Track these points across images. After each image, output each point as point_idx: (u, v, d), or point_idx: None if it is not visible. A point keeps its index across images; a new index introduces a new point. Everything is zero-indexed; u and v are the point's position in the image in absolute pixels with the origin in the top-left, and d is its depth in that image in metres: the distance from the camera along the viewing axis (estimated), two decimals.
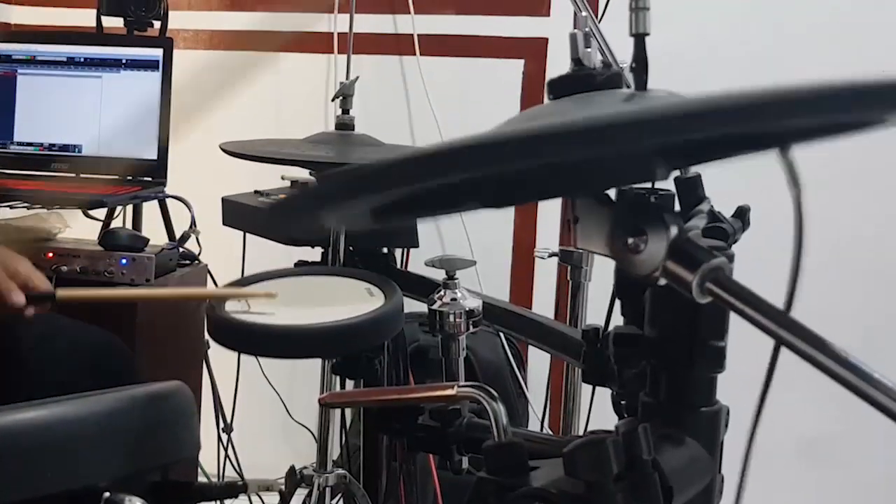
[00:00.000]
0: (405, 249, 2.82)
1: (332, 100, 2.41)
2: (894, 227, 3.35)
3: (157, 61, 2.81)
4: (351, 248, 2.31)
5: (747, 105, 0.65)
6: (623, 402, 1.18)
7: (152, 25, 3.00)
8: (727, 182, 1.39)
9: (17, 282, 1.81)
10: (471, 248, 3.44)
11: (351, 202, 0.81)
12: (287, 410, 3.45)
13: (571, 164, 0.79)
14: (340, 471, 2.35)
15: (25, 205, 2.54)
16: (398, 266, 2.63)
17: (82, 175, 2.82)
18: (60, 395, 1.46)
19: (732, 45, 3.41)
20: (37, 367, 1.98)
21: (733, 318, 0.82)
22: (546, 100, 1.06)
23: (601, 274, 2.27)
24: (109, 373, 2.03)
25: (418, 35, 3.61)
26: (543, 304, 3.44)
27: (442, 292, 1.76)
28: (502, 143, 0.68)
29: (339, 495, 2.38)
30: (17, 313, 1.82)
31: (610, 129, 0.65)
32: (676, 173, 1.14)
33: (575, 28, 1.07)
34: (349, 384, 2.25)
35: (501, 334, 3.13)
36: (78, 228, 2.64)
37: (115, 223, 2.95)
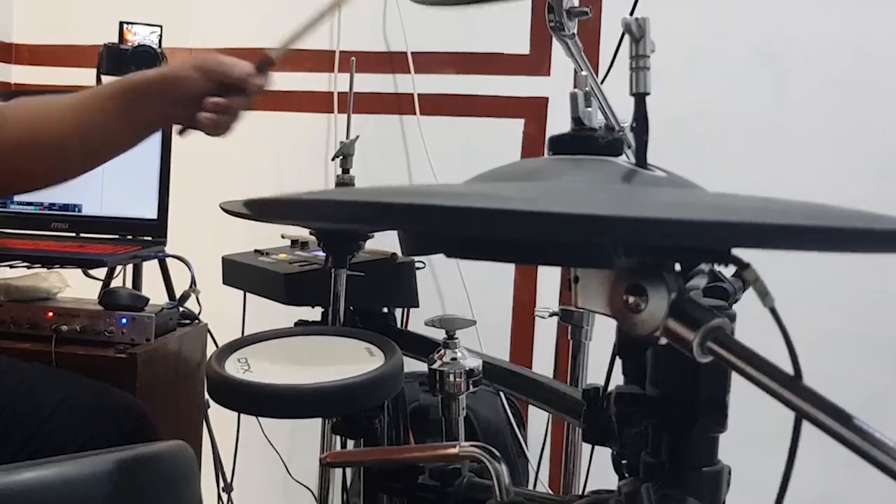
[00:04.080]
0: (405, 309, 2.82)
1: (333, 159, 2.42)
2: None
3: None
4: (351, 307, 2.31)
5: (722, 226, 0.65)
6: (624, 462, 1.18)
7: None
8: None
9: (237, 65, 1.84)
10: (471, 308, 3.44)
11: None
12: (287, 470, 3.44)
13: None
14: None
15: (25, 264, 2.54)
16: (398, 326, 2.63)
17: (82, 234, 2.83)
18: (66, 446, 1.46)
19: (733, 105, 3.42)
20: (56, 430, 1.97)
21: (735, 376, 0.82)
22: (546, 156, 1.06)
23: (602, 333, 2.27)
24: (130, 436, 2.02)
25: (418, 94, 3.62)
26: (544, 363, 3.43)
27: (442, 352, 1.76)
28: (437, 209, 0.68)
29: None
30: (244, 97, 1.84)
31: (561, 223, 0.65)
32: None
33: (575, 87, 1.07)
34: (350, 444, 2.24)
35: (502, 394, 3.13)
36: (78, 288, 2.65)
37: (116, 282, 2.94)
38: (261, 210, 0.79)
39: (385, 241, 2.40)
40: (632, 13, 1.88)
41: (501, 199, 0.71)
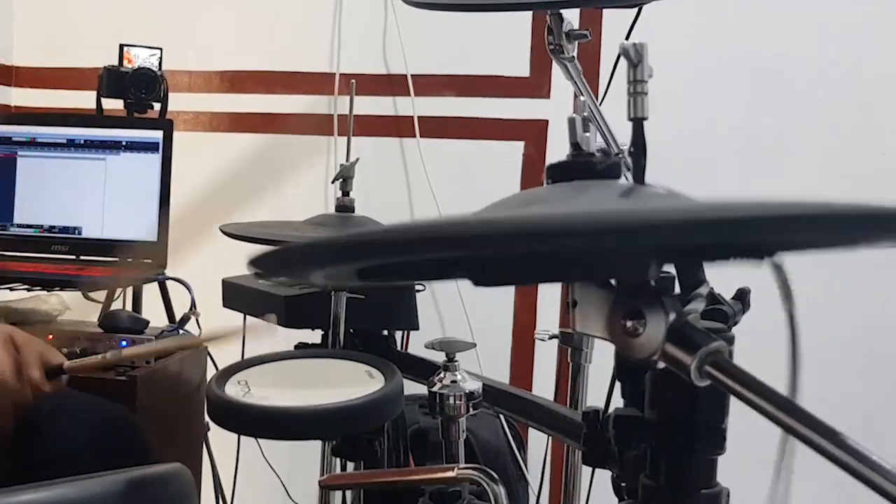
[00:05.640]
0: (405, 332, 2.82)
1: (333, 181, 2.42)
2: (892, 308, 3.36)
3: (157, 143, 2.82)
4: (351, 330, 2.31)
5: (740, 218, 0.65)
6: (623, 485, 1.18)
7: (152, 107, 3.02)
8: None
9: (31, 359, 1.81)
10: (471, 330, 3.44)
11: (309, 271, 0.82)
12: (287, 492, 3.44)
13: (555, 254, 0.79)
14: None
15: (25, 287, 2.55)
16: (398, 348, 2.63)
17: (82, 257, 2.83)
18: (71, 470, 1.46)
19: (732, 128, 3.43)
20: (48, 443, 1.97)
21: (734, 399, 0.82)
22: (545, 184, 1.07)
23: (601, 356, 2.27)
24: (120, 444, 2.02)
25: (418, 117, 3.63)
26: (543, 385, 3.43)
27: (442, 374, 1.77)
28: (478, 230, 0.68)
29: None
30: (36, 391, 1.81)
31: (585, 228, 0.65)
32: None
33: (574, 112, 1.07)
34: (349, 466, 2.24)
35: (501, 416, 3.12)
36: (78, 310, 2.65)
37: (116, 305, 2.95)
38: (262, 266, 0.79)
39: None
40: (627, 37, 1.89)
41: (518, 215, 0.71)
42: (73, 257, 2.83)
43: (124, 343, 2.39)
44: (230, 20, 3.83)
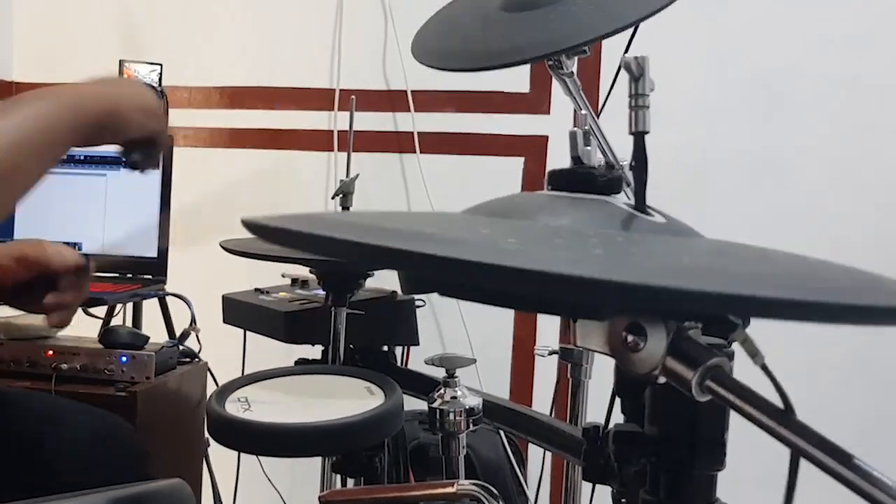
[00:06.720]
0: (405, 347, 2.82)
1: (333, 197, 2.42)
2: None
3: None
4: (351, 345, 2.31)
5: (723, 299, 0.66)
6: (623, 500, 1.18)
7: None
8: None
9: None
10: (471, 346, 3.44)
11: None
12: None
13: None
14: None
15: None
16: (398, 364, 2.63)
17: None
18: (68, 479, 1.46)
19: (733, 142, 3.43)
20: (45, 452, 1.98)
21: (734, 414, 0.82)
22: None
23: (601, 371, 2.26)
24: (115, 452, 2.02)
25: (418, 132, 3.63)
26: (543, 401, 3.42)
27: (442, 390, 1.76)
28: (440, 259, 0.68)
29: None
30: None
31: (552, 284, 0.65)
32: None
33: (575, 126, 1.08)
34: (350, 482, 2.24)
35: (501, 432, 3.12)
36: (78, 326, 2.64)
37: (116, 321, 2.95)
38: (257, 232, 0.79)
39: (385, 280, 2.40)
40: (626, 51, 1.89)
41: (495, 252, 0.71)
42: None
43: (124, 359, 2.39)
44: (230, 36, 3.83)
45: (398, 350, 2.67)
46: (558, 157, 3.42)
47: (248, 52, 3.83)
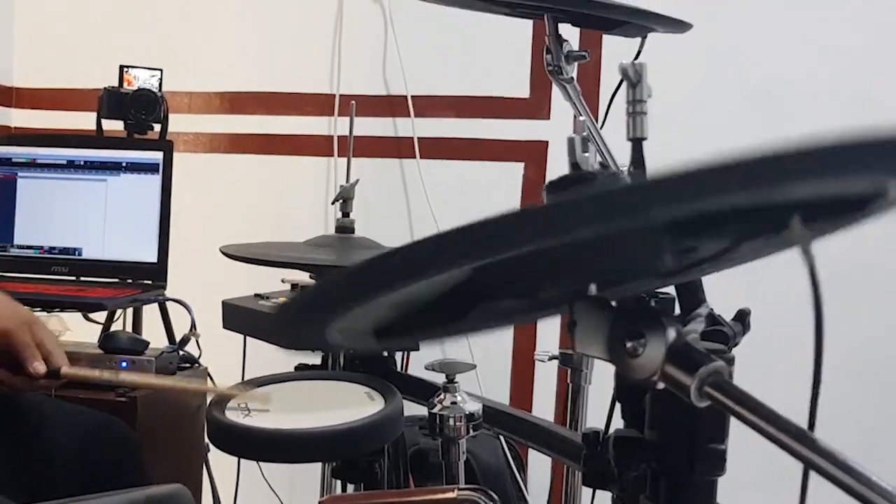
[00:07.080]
0: (405, 353, 2.82)
1: (333, 203, 2.42)
2: (892, 325, 3.35)
3: (158, 164, 2.82)
4: (351, 351, 2.31)
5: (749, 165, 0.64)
6: None
7: (152, 128, 3.02)
8: (727, 285, 1.39)
9: (42, 352, 1.82)
10: (471, 352, 3.43)
11: (350, 306, 0.81)
12: None
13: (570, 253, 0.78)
14: None
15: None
16: (398, 369, 2.63)
17: (82, 278, 2.83)
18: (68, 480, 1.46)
19: (732, 150, 3.43)
20: (44, 454, 1.98)
21: (734, 420, 0.82)
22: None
23: (601, 377, 2.26)
24: (113, 453, 2.03)
25: (418, 138, 3.63)
26: (543, 406, 3.43)
27: (442, 396, 1.77)
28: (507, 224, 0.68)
29: None
30: (29, 384, 1.82)
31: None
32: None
33: (574, 132, 1.08)
34: (350, 487, 2.23)
35: (501, 437, 3.12)
36: (78, 331, 2.64)
37: (116, 326, 2.94)
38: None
39: None
40: (636, 58, 1.89)
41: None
42: (74, 278, 2.83)
43: (124, 364, 2.39)
44: (230, 41, 3.83)
45: (398, 355, 2.67)
46: (558, 163, 3.41)
47: (248, 57, 3.83)
